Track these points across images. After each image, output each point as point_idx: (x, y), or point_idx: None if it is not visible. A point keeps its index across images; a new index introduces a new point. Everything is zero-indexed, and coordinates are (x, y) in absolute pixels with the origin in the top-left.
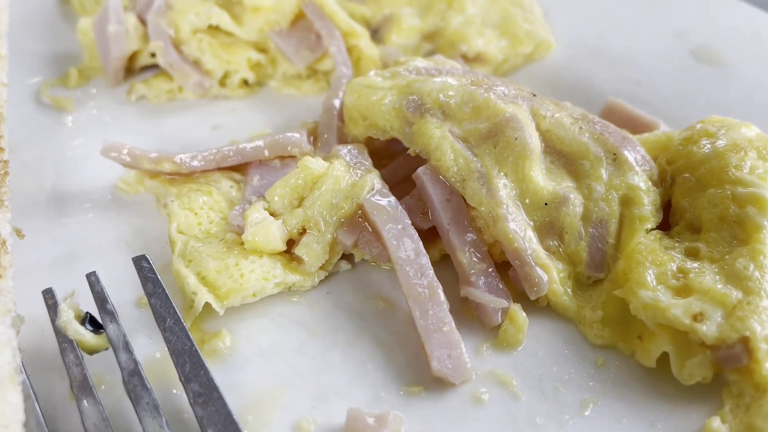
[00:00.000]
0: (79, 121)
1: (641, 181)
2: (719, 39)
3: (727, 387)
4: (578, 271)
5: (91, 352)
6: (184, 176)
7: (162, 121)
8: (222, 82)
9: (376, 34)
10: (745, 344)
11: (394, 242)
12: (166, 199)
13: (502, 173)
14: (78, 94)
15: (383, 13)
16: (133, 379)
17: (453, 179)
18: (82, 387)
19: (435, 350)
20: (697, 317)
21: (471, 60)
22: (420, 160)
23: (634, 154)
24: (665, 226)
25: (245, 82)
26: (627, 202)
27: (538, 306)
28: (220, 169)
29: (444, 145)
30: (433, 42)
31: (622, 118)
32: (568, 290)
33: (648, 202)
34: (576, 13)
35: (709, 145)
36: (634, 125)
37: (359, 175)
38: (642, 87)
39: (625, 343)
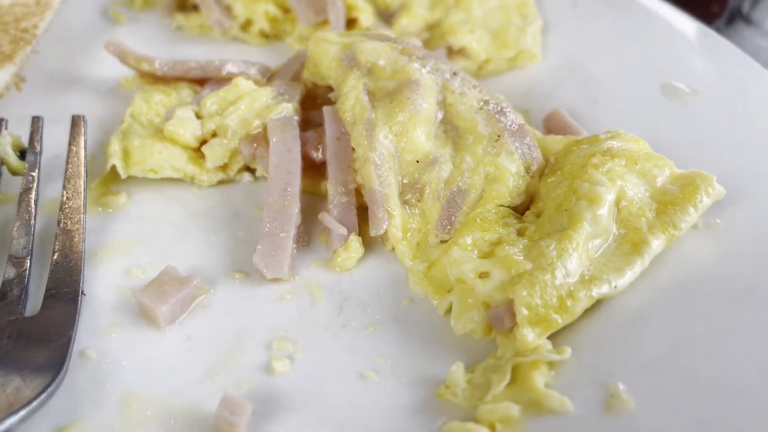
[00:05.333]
0: (124, 33)
1: (512, 165)
2: (696, 79)
3: (495, 349)
4: (428, 228)
5: (14, 173)
6: (159, 79)
7: (184, 47)
8: (244, 29)
9: (391, 17)
10: (509, 306)
11: (275, 158)
12: None
13: (387, 126)
14: (136, 15)
15: (402, 0)
16: (27, 194)
17: (347, 121)
18: None
19: (262, 247)
20: (482, 275)
21: (455, 53)
22: None
23: (519, 142)
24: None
25: (264, 33)
26: (492, 179)
27: (386, 250)
28: (188, 80)
29: (351, 93)
30: (432, 33)
31: (559, 125)
32: (413, 241)
33: (511, 184)
34: (574, 33)
35: (587, 147)
36: (566, 131)
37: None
38: (598, 105)
39: (435, 294)
